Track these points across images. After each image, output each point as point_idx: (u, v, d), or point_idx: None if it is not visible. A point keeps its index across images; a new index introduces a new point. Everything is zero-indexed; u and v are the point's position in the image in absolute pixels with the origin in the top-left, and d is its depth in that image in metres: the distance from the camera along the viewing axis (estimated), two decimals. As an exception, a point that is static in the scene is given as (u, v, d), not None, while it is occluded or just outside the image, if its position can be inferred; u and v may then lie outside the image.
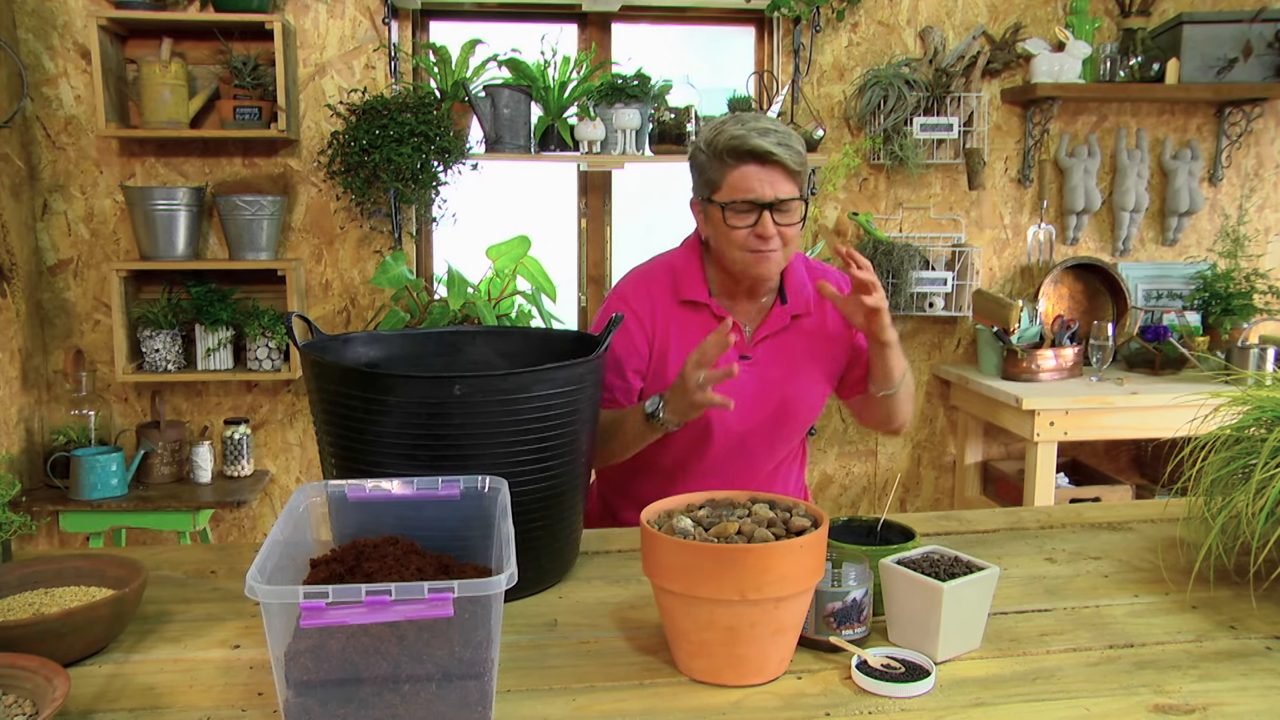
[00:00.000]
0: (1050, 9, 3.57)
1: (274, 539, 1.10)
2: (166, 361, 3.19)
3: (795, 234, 1.72)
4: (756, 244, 1.69)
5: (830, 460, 3.73)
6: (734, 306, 1.83)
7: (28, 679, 1.05)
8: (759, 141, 1.66)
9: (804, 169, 1.72)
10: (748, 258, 1.71)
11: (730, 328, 1.58)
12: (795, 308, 1.83)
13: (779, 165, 1.67)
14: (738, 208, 1.68)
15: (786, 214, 1.69)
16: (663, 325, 1.81)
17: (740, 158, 1.67)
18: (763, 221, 1.67)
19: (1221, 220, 3.77)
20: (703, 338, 1.74)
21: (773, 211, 1.67)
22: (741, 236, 1.69)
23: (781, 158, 1.66)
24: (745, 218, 1.68)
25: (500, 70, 3.28)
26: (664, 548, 1.14)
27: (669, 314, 1.82)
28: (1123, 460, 3.83)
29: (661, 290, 1.83)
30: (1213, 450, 1.45)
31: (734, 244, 1.71)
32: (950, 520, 1.80)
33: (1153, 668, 1.20)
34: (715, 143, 1.70)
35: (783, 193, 1.68)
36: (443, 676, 1.01)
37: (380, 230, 3.38)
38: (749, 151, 1.66)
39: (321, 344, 1.56)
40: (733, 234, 1.70)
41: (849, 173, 3.55)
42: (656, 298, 1.83)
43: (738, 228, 1.69)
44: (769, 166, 1.67)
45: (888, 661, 1.17)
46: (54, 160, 3.22)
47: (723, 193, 1.70)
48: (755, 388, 1.81)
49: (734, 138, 1.67)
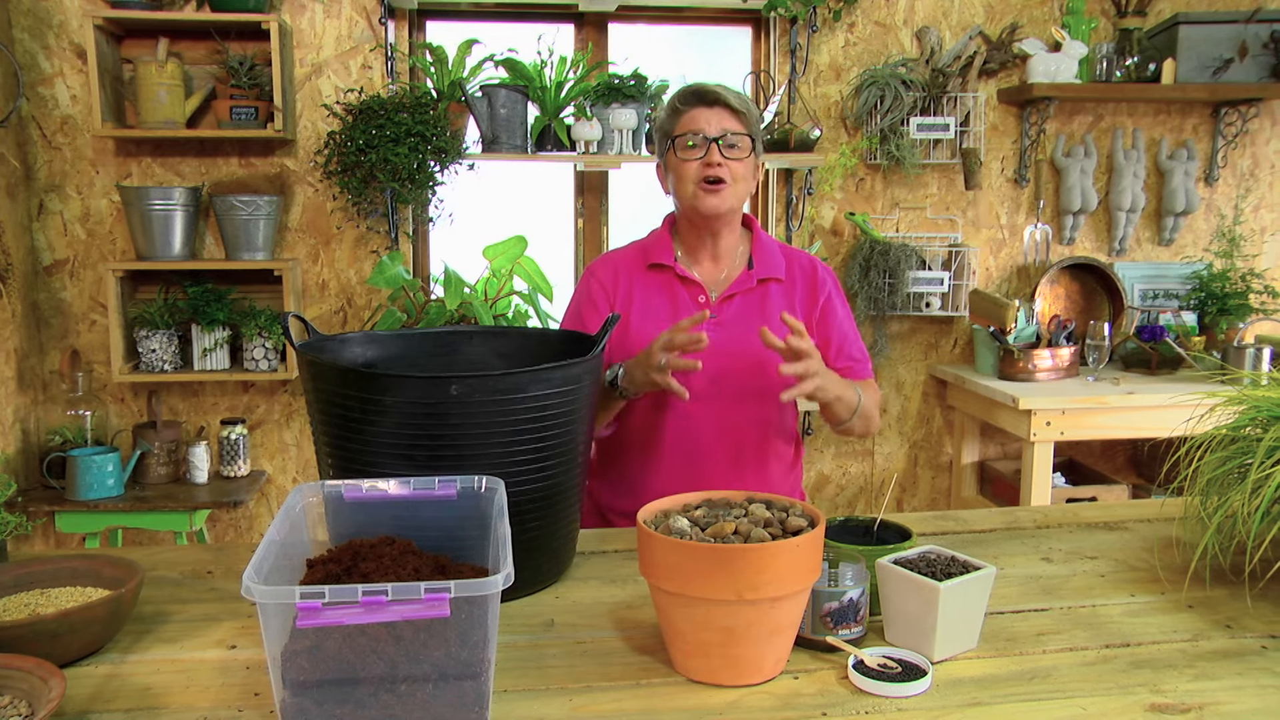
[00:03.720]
0: (1046, 9, 3.57)
1: (270, 539, 1.10)
2: (163, 362, 3.19)
3: (744, 172, 1.85)
4: (705, 172, 1.82)
5: (827, 460, 3.73)
6: (699, 269, 1.93)
7: (23, 680, 1.05)
8: (705, 85, 1.85)
9: (750, 113, 1.86)
10: (698, 190, 1.83)
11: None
12: (762, 273, 1.92)
13: (724, 106, 1.83)
14: (687, 140, 1.83)
15: (734, 149, 1.83)
16: (624, 288, 1.93)
17: (688, 101, 1.85)
18: (710, 152, 1.81)
19: (1217, 220, 3.78)
20: (665, 295, 1.89)
21: (720, 145, 1.81)
22: (693, 169, 1.83)
23: (726, 98, 1.83)
24: (694, 152, 1.83)
25: (497, 70, 3.28)
26: (661, 548, 1.14)
27: (632, 278, 1.94)
28: (1119, 460, 3.83)
29: (629, 261, 1.97)
30: (1209, 450, 1.45)
31: (686, 178, 1.84)
32: (947, 520, 1.80)
33: (1149, 667, 1.20)
34: (671, 99, 1.89)
35: (729, 128, 1.83)
36: (439, 677, 1.01)
37: (377, 230, 3.38)
38: (694, 93, 1.85)
39: (318, 344, 1.56)
40: (684, 167, 1.84)
41: (846, 173, 3.56)
42: (622, 267, 1.96)
43: (688, 160, 1.83)
44: (715, 108, 1.83)
45: (884, 661, 1.17)
46: (50, 160, 3.22)
47: (675, 135, 1.85)
48: (722, 345, 1.86)
49: (684, 88, 1.87)
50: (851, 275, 3.49)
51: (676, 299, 1.90)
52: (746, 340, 1.86)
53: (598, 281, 1.95)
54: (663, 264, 1.92)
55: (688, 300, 1.90)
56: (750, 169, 1.86)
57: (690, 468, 1.87)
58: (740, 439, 1.90)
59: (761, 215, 3.64)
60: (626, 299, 1.91)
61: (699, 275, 1.92)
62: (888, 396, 3.71)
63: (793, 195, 3.54)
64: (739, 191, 1.85)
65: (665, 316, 1.88)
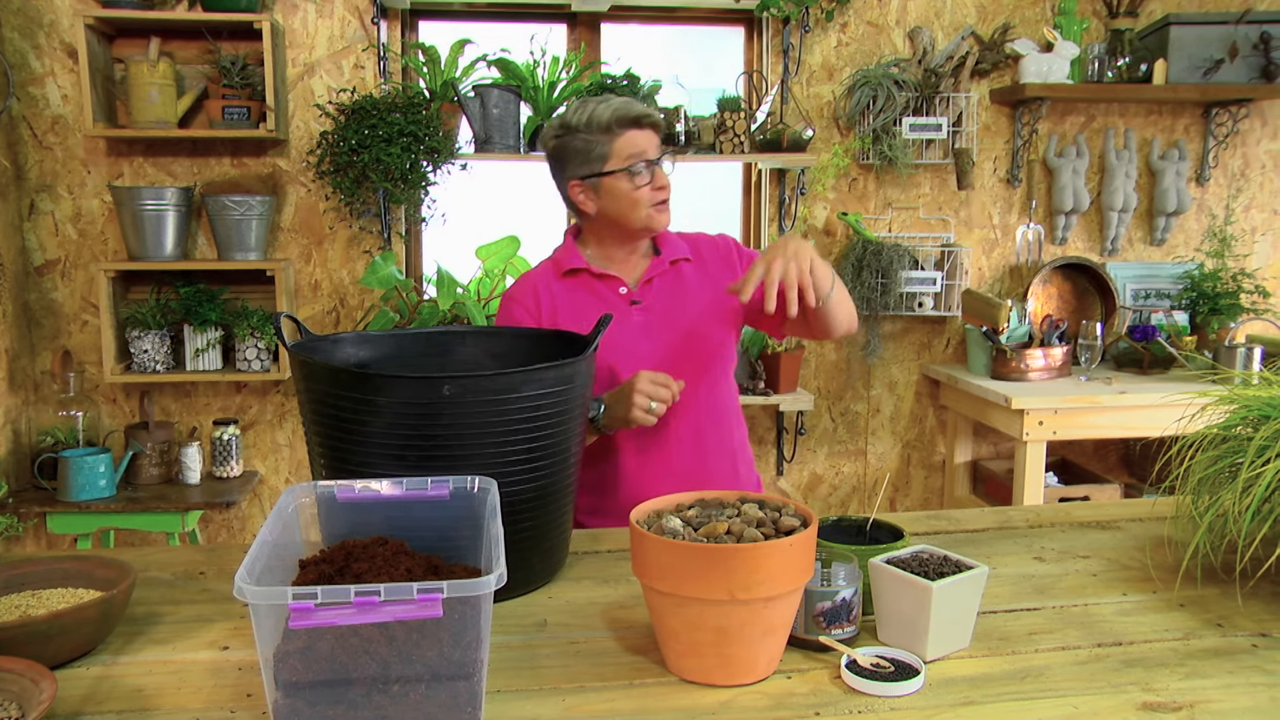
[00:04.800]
0: (1038, 10, 3.58)
1: (263, 540, 1.10)
2: (155, 362, 3.18)
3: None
4: (658, 195, 1.87)
5: (820, 460, 3.73)
6: (614, 267, 1.97)
7: (14, 681, 1.04)
8: (638, 108, 1.87)
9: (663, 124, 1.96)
10: (652, 212, 1.88)
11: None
12: (671, 255, 1.98)
13: (654, 125, 1.89)
14: (636, 167, 1.85)
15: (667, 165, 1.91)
16: (547, 301, 1.95)
17: (625, 125, 1.86)
18: (658, 175, 1.88)
19: (1209, 220, 3.79)
20: (587, 294, 1.93)
21: (660, 166, 1.88)
22: (645, 194, 1.87)
23: (655, 118, 1.89)
24: (644, 176, 1.86)
25: (489, 70, 3.28)
26: (653, 548, 1.14)
27: (551, 289, 1.96)
28: (1111, 459, 3.85)
29: (543, 275, 1.99)
30: (1200, 449, 1.45)
31: (640, 203, 1.87)
32: (939, 520, 1.80)
33: (1140, 666, 1.21)
34: (594, 121, 1.86)
35: (662, 147, 1.91)
36: (432, 677, 1.01)
37: (369, 230, 3.37)
38: (633, 119, 1.86)
39: (310, 344, 1.56)
40: (637, 194, 1.86)
41: (838, 173, 3.56)
42: (539, 282, 1.97)
43: (642, 186, 1.86)
44: (646, 128, 1.88)
45: (877, 661, 1.17)
46: (41, 160, 3.21)
47: (614, 161, 1.86)
48: (652, 328, 1.92)
49: (616, 109, 1.86)
50: (844, 275, 3.50)
51: (599, 294, 1.93)
52: (674, 319, 1.93)
53: (519, 304, 1.96)
54: (576, 268, 1.95)
55: (609, 293, 1.93)
56: None
57: (648, 450, 1.90)
58: (688, 413, 1.93)
59: (754, 215, 3.65)
60: (551, 309, 1.93)
61: (613, 270, 1.96)
62: (880, 396, 3.72)
63: (785, 195, 3.54)
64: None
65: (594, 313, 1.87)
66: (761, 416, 3.68)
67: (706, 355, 1.95)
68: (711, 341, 1.96)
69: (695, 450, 1.93)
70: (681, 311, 1.93)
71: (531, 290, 1.96)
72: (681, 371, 1.87)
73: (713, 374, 1.96)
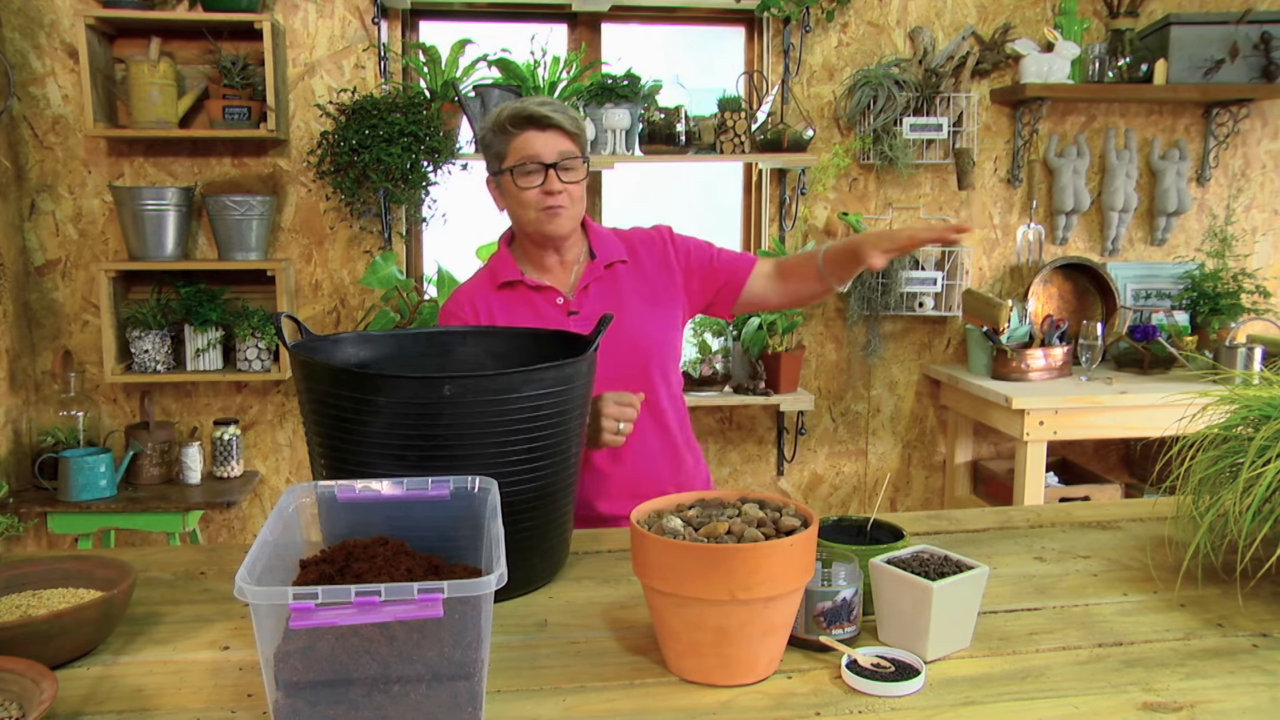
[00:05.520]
0: (1039, 10, 3.58)
1: (263, 540, 1.10)
2: (155, 362, 3.18)
3: (580, 192, 1.87)
4: (546, 200, 1.82)
5: (820, 460, 3.73)
6: (548, 276, 1.94)
7: (14, 681, 1.04)
8: (535, 108, 1.81)
9: (581, 133, 1.85)
10: (541, 217, 1.83)
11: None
12: (605, 259, 1.94)
13: (556, 128, 1.82)
14: (525, 168, 1.81)
15: (570, 171, 1.83)
16: (485, 315, 1.92)
17: (520, 124, 1.82)
18: (549, 179, 1.81)
19: (1209, 220, 3.79)
20: (524, 307, 1.90)
21: (557, 170, 1.81)
22: (533, 196, 1.82)
23: (558, 120, 1.82)
24: (533, 178, 1.81)
25: (490, 70, 3.28)
26: (653, 548, 1.14)
27: (489, 302, 1.93)
28: (1112, 459, 3.84)
29: (479, 288, 1.95)
30: (1200, 449, 1.45)
31: (527, 205, 1.83)
32: (940, 520, 1.80)
33: (1141, 666, 1.21)
34: (499, 118, 1.84)
35: (564, 151, 1.82)
36: (433, 677, 1.01)
37: (370, 230, 3.37)
38: (528, 118, 1.81)
39: (311, 344, 1.56)
40: (524, 195, 1.83)
41: (839, 173, 3.56)
42: (476, 295, 1.94)
43: (527, 188, 1.82)
44: (548, 130, 1.82)
45: (878, 661, 1.17)
46: (41, 160, 3.21)
47: (509, 160, 1.84)
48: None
49: (514, 109, 1.83)
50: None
51: (536, 308, 1.91)
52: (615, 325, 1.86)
53: (455, 321, 1.94)
54: (511, 280, 1.92)
55: (546, 306, 1.91)
56: (584, 185, 1.88)
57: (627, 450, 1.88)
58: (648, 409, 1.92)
59: (754, 215, 3.65)
60: (489, 321, 1.91)
61: (549, 281, 1.93)
62: (881, 396, 3.72)
63: (786, 195, 3.54)
64: (577, 210, 1.87)
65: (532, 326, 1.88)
66: (762, 416, 3.68)
67: (649, 355, 1.93)
68: (653, 340, 1.93)
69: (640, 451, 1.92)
70: (621, 316, 1.89)
71: (469, 305, 1.93)
72: (628, 376, 1.86)
73: (658, 372, 1.94)
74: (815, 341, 3.64)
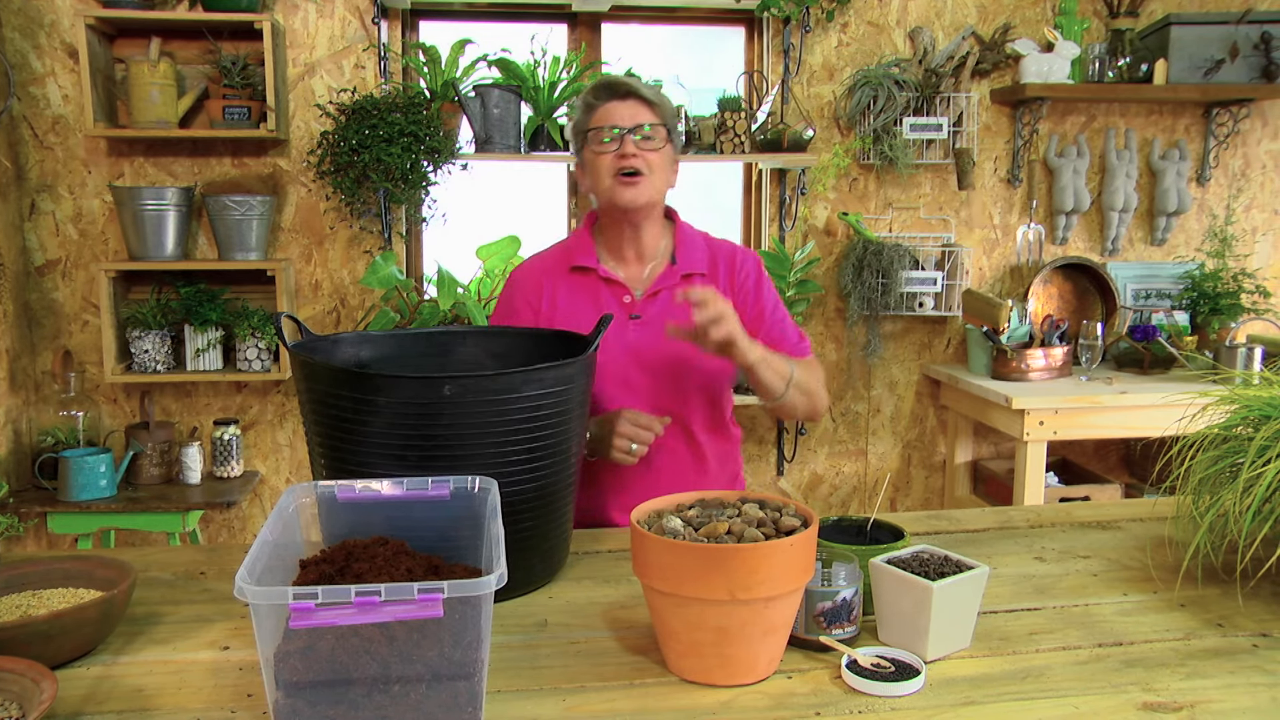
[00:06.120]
0: (1039, 10, 3.58)
1: (263, 540, 1.10)
2: (155, 362, 3.18)
3: (661, 162, 1.83)
4: (620, 164, 1.79)
5: (820, 460, 3.73)
6: (623, 269, 1.91)
7: (14, 681, 1.04)
8: (616, 78, 1.84)
9: (663, 105, 1.85)
10: (615, 185, 1.80)
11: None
12: (686, 268, 1.90)
13: (637, 97, 1.82)
14: (601, 134, 1.81)
15: (649, 140, 1.81)
16: (548, 294, 1.90)
17: (601, 95, 1.83)
18: (624, 143, 1.79)
19: (1209, 220, 3.79)
20: (589, 298, 1.86)
21: (635, 139, 1.79)
22: (607, 161, 1.80)
23: (638, 89, 1.82)
24: (610, 145, 1.80)
25: (490, 70, 3.28)
26: (654, 548, 1.14)
27: (555, 283, 1.91)
28: (1112, 459, 3.84)
29: (551, 264, 1.94)
30: (1200, 449, 1.45)
31: (602, 173, 1.81)
32: (940, 520, 1.80)
33: (1141, 666, 1.21)
34: (584, 95, 1.86)
35: (643, 119, 1.81)
36: (432, 677, 1.01)
37: (370, 230, 3.37)
38: (607, 86, 1.83)
39: (311, 344, 1.56)
40: (599, 160, 1.81)
41: (839, 173, 3.56)
42: (544, 272, 1.93)
43: (603, 153, 1.81)
44: (628, 99, 1.82)
45: (878, 661, 1.17)
46: (41, 160, 3.21)
47: (590, 131, 1.83)
48: (649, 344, 1.85)
49: (595, 82, 1.85)
50: (845, 275, 3.50)
51: (601, 302, 1.87)
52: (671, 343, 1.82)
53: (520, 292, 1.93)
54: (585, 266, 1.89)
55: (612, 302, 1.87)
56: (667, 160, 1.84)
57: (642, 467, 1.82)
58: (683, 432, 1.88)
59: (754, 215, 3.65)
60: (550, 305, 1.88)
61: (622, 275, 1.90)
62: (881, 396, 3.72)
63: (786, 195, 3.54)
64: (656, 183, 1.82)
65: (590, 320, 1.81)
66: (762, 417, 3.68)
67: (695, 382, 1.86)
68: (703, 368, 1.86)
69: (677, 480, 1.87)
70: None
71: (536, 281, 1.91)
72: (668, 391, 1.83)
73: (701, 401, 1.88)
74: (815, 341, 3.64)
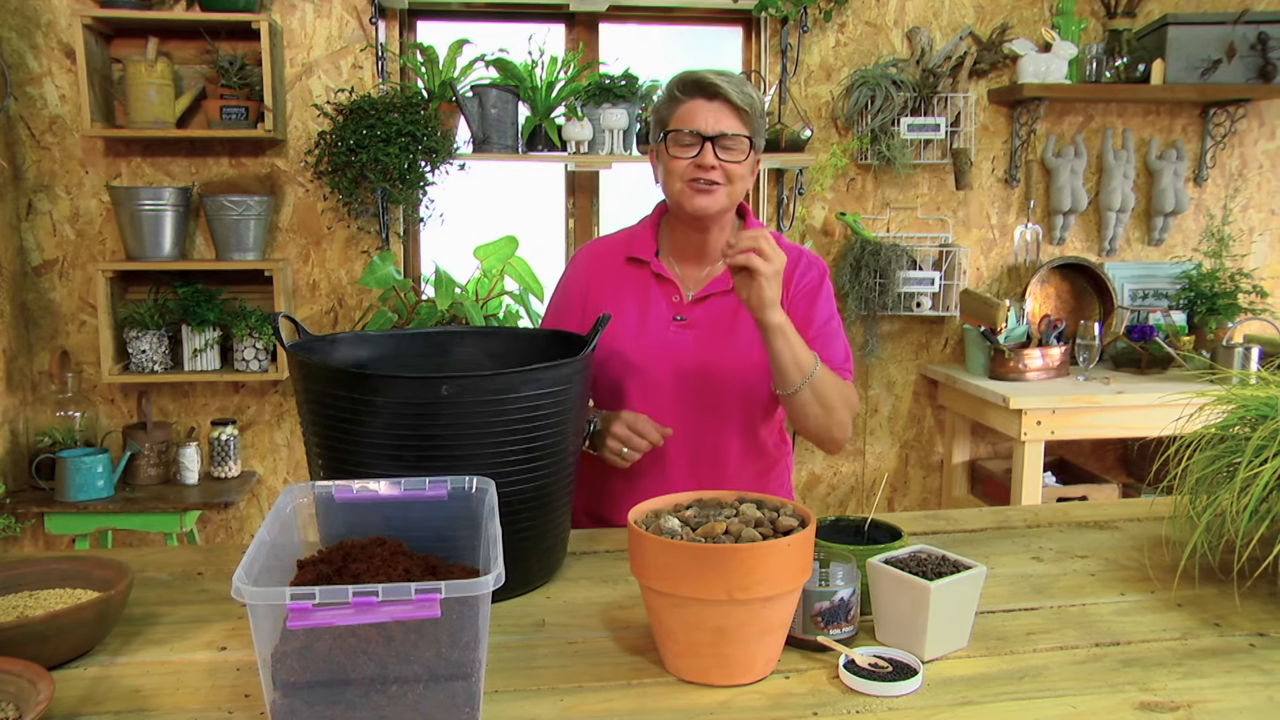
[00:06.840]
0: (1036, 10, 3.59)
1: (261, 540, 1.10)
2: (153, 362, 3.17)
3: (741, 173, 1.70)
4: (696, 173, 1.67)
5: (818, 460, 3.73)
6: (680, 267, 1.83)
7: (11, 682, 1.04)
8: (706, 74, 1.68)
9: (753, 111, 1.70)
10: (685, 190, 1.69)
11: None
12: None
13: (725, 101, 1.67)
14: (681, 138, 1.68)
15: (731, 150, 1.68)
16: (599, 280, 1.84)
17: (687, 91, 1.69)
18: (704, 152, 1.66)
19: (1206, 220, 3.79)
20: (636, 292, 1.79)
21: (716, 146, 1.67)
22: (682, 167, 1.68)
23: (726, 92, 1.67)
24: (687, 149, 1.68)
25: (488, 70, 3.28)
26: (651, 548, 1.14)
27: (608, 270, 1.84)
28: (1109, 459, 3.85)
29: (612, 251, 1.87)
30: (1198, 449, 1.46)
31: (674, 176, 1.70)
32: (938, 519, 1.80)
33: (1138, 665, 1.21)
34: (669, 84, 1.73)
35: (727, 128, 1.67)
36: (430, 677, 1.01)
37: (368, 230, 3.37)
38: (694, 84, 1.68)
39: (309, 344, 1.56)
40: (673, 164, 1.69)
41: (836, 173, 3.56)
42: (602, 258, 1.87)
43: (679, 158, 1.68)
44: (715, 101, 1.68)
45: (875, 661, 1.17)
46: (38, 160, 3.20)
47: (669, 127, 1.71)
48: (689, 349, 1.77)
49: (684, 74, 1.70)
50: (842, 275, 3.50)
51: (648, 298, 1.80)
52: (715, 346, 1.75)
53: (576, 273, 1.87)
54: (640, 259, 1.81)
55: (660, 299, 1.79)
56: (747, 169, 1.72)
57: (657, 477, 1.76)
58: (707, 448, 1.78)
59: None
60: (599, 291, 1.82)
61: (678, 272, 1.81)
62: (878, 396, 3.72)
63: (783, 195, 3.54)
64: (733, 193, 1.71)
65: (634, 315, 1.79)
66: (760, 416, 3.68)
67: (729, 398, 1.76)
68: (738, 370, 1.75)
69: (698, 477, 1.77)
70: (720, 339, 1.74)
71: (592, 263, 1.85)
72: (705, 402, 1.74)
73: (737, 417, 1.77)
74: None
